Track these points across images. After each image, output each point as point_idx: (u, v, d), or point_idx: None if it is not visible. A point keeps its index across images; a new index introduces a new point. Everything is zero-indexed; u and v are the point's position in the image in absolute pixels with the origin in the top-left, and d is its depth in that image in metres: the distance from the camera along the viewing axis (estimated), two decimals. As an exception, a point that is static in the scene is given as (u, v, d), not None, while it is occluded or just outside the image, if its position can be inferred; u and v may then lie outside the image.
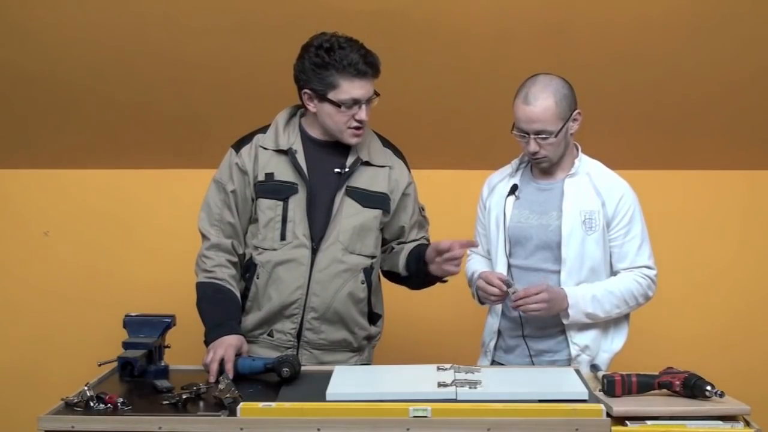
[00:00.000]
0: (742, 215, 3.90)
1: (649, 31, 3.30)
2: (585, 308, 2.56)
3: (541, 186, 2.68)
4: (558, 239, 2.59)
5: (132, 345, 2.44)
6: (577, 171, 2.64)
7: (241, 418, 2.07)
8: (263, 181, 2.63)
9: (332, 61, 2.51)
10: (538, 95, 2.54)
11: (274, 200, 2.61)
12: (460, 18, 3.24)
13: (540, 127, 2.54)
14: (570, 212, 2.59)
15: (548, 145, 2.56)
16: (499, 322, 2.70)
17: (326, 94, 2.54)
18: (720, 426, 2.06)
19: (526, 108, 2.54)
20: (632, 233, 2.62)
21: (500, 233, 2.66)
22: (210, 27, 3.26)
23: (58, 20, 3.24)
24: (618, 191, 2.63)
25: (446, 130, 3.63)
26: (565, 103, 2.56)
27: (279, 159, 2.64)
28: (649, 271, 2.64)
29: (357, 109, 2.55)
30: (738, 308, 3.88)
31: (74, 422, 2.07)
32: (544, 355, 2.64)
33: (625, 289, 2.60)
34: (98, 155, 3.79)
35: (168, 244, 3.84)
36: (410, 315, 3.34)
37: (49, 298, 3.85)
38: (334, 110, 2.56)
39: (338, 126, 2.58)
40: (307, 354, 2.65)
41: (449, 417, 2.05)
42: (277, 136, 2.65)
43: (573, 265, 2.59)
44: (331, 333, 2.65)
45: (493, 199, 2.74)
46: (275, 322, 2.65)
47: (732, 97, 3.52)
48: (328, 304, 2.62)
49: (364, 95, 2.55)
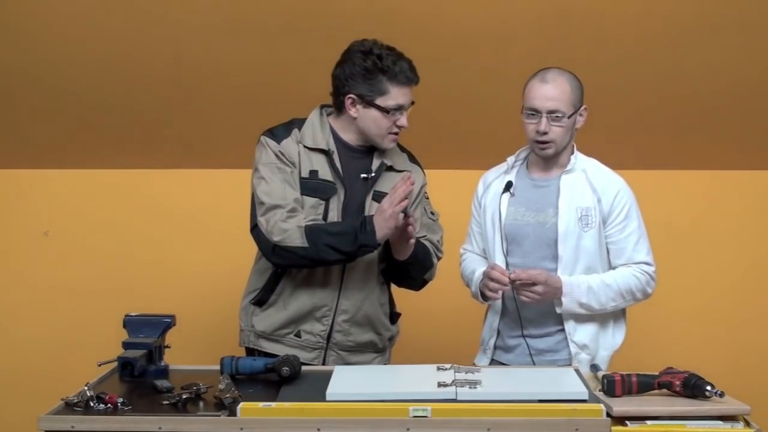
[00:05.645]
0: (742, 215, 3.90)
1: (650, 32, 3.30)
2: (579, 298, 2.56)
3: (537, 182, 2.67)
4: (555, 237, 2.59)
5: (132, 345, 2.43)
6: (573, 167, 2.64)
7: (241, 418, 2.06)
8: (307, 178, 2.61)
9: (384, 67, 2.53)
10: (556, 77, 2.58)
11: (317, 199, 2.60)
12: (460, 18, 3.24)
13: (554, 105, 2.55)
14: (566, 209, 2.60)
15: (558, 128, 2.56)
16: (499, 321, 2.70)
17: (374, 99, 2.56)
18: (720, 426, 2.06)
19: (543, 86, 2.56)
20: (629, 229, 2.62)
21: (497, 231, 2.66)
22: (211, 28, 3.27)
23: (58, 21, 3.24)
24: (614, 188, 2.63)
25: (446, 130, 3.63)
26: (578, 92, 2.60)
27: (318, 158, 2.62)
28: (647, 267, 2.64)
29: (399, 115, 2.58)
30: (738, 308, 3.88)
31: (74, 422, 2.06)
32: (545, 354, 2.64)
33: (622, 282, 2.60)
34: (98, 155, 3.79)
35: (169, 244, 3.85)
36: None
37: (49, 298, 3.85)
38: (380, 116, 2.57)
39: (381, 131, 2.60)
40: (334, 355, 2.66)
41: (449, 417, 2.05)
42: (314, 134, 2.64)
43: (569, 262, 2.59)
44: (359, 335, 2.67)
45: (488, 196, 2.73)
46: (304, 322, 2.65)
47: (733, 98, 3.52)
48: (359, 307, 2.64)
49: (408, 101, 2.59)
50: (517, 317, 2.63)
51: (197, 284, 3.80)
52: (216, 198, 3.80)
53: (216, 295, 3.63)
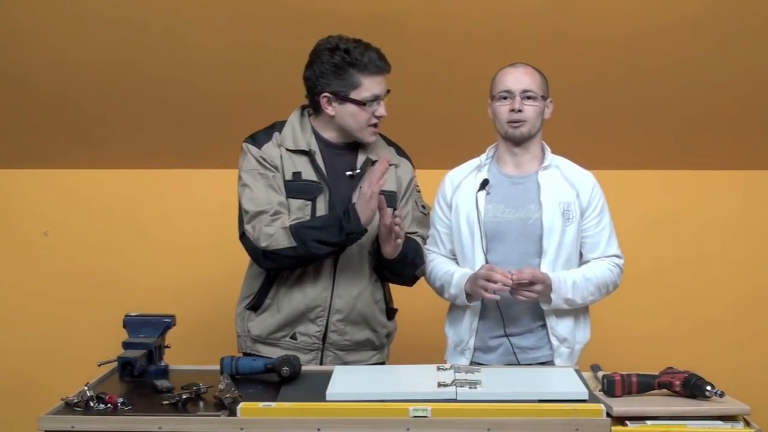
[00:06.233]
0: (741, 215, 3.90)
1: (649, 33, 3.30)
2: (566, 294, 2.58)
3: (514, 180, 2.68)
4: (539, 231, 2.61)
5: (132, 345, 2.44)
6: (550, 164, 2.67)
7: (241, 418, 2.06)
8: (291, 180, 2.61)
9: (353, 61, 2.53)
10: (524, 65, 2.66)
11: (303, 200, 2.60)
12: (460, 18, 3.24)
13: (527, 86, 2.61)
14: (549, 204, 2.62)
15: (531, 107, 2.61)
16: (478, 321, 2.68)
17: (348, 94, 2.56)
18: (720, 426, 2.06)
19: (515, 69, 2.65)
20: (603, 223, 2.67)
21: (475, 230, 2.64)
22: (212, 28, 3.27)
23: (57, 20, 3.24)
24: (589, 182, 2.68)
25: (445, 130, 3.63)
26: (546, 82, 2.66)
27: (300, 159, 2.63)
28: (618, 260, 2.69)
29: (377, 106, 2.58)
30: (738, 308, 3.88)
31: (74, 422, 2.06)
32: (527, 352, 2.64)
33: (600, 276, 2.64)
34: (98, 155, 3.79)
35: (168, 244, 3.85)
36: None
37: (49, 298, 3.85)
38: (357, 109, 2.57)
39: (360, 125, 2.60)
40: (331, 355, 2.66)
41: (449, 417, 2.05)
42: (295, 136, 2.64)
43: (552, 256, 2.61)
44: (355, 333, 2.67)
45: (459, 196, 2.71)
46: (298, 324, 2.65)
47: (731, 98, 3.52)
48: (353, 305, 2.64)
49: (383, 91, 2.59)
50: (499, 316, 2.62)
51: (197, 284, 3.80)
52: (216, 198, 3.78)
53: (216, 295, 3.62)
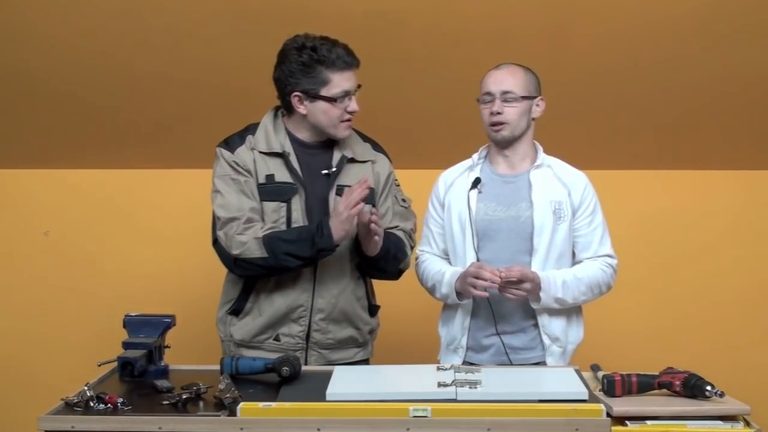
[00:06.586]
0: (741, 215, 3.90)
1: (649, 33, 3.30)
2: (556, 293, 2.58)
3: (506, 179, 2.69)
4: (530, 230, 2.61)
5: (132, 345, 2.44)
6: (542, 163, 2.67)
7: (241, 418, 2.06)
8: (264, 183, 2.62)
9: (321, 58, 2.54)
10: (509, 65, 2.67)
11: (278, 202, 2.61)
12: (459, 18, 3.24)
13: (507, 87, 2.61)
14: (540, 202, 2.62)
15: (511, 109, 2.61)
16: (470, 320, 2.68)
17: (319, 91, 2.56)
18: (720, 426, 2.06)
19: (496, 72, 2.65)
20: (595, 223, 2.67)
21: (467, 228, 2.65)
22: (210, 29, 3.27)
23: (58, 21, 3.24)
24: (581, 182, 2.68)
25: (444, 130, 3.63)
26: (533, 80, 2.66)
27: (274, 161, 2.63)
28: (611, 260, 2.68)
29: (348, 101, 2.58)
30: (737, 308, 3.88)
31: (74, 422, 2.06)
32: (519, 352, 2.64)
33: (592, 276, 2.63)
34: (99, 155, 3.79)
35: (168, 245, 3.85)
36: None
37: (49, 298, 3.85)
38: (328, 106, 2.58)
39: (332, 121, 2.60)
40: (315, 354, 2.66)
41: (449, 417, 2.05)
42: (268, 138, 2.65)
43: (543, 255, 2.61)
44: (338, 332, 2.67)
45: (452, 195, 2.72)
46: (281, 325, 2.65)
47: (729, 99, 3.52)
48: (335, 304, 2.64)
49: (353, 86, 2.59)
50: (490, 314, 2.62)
51: (198, 284, 3.79)
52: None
53: (217, 295, 3.62)
